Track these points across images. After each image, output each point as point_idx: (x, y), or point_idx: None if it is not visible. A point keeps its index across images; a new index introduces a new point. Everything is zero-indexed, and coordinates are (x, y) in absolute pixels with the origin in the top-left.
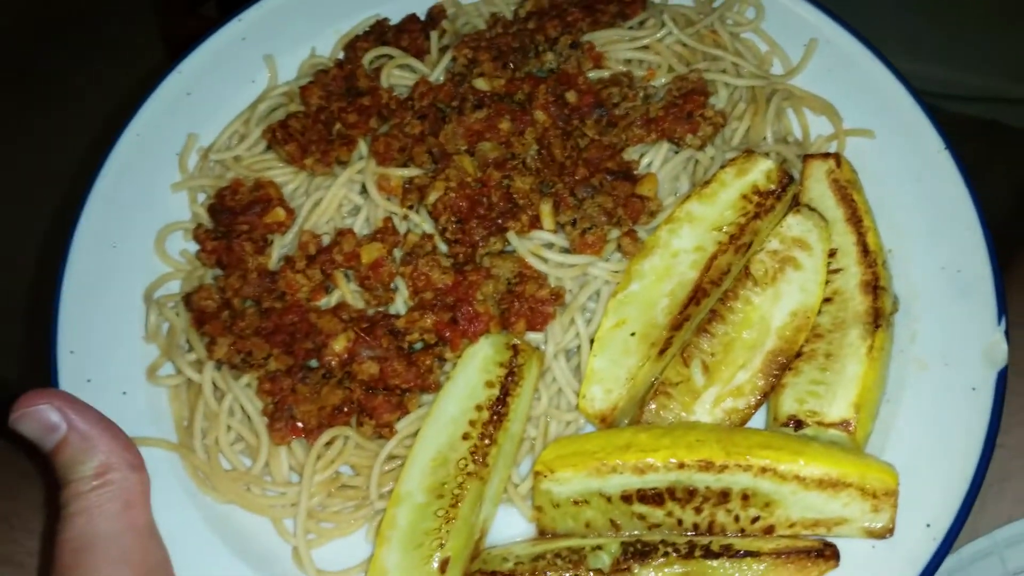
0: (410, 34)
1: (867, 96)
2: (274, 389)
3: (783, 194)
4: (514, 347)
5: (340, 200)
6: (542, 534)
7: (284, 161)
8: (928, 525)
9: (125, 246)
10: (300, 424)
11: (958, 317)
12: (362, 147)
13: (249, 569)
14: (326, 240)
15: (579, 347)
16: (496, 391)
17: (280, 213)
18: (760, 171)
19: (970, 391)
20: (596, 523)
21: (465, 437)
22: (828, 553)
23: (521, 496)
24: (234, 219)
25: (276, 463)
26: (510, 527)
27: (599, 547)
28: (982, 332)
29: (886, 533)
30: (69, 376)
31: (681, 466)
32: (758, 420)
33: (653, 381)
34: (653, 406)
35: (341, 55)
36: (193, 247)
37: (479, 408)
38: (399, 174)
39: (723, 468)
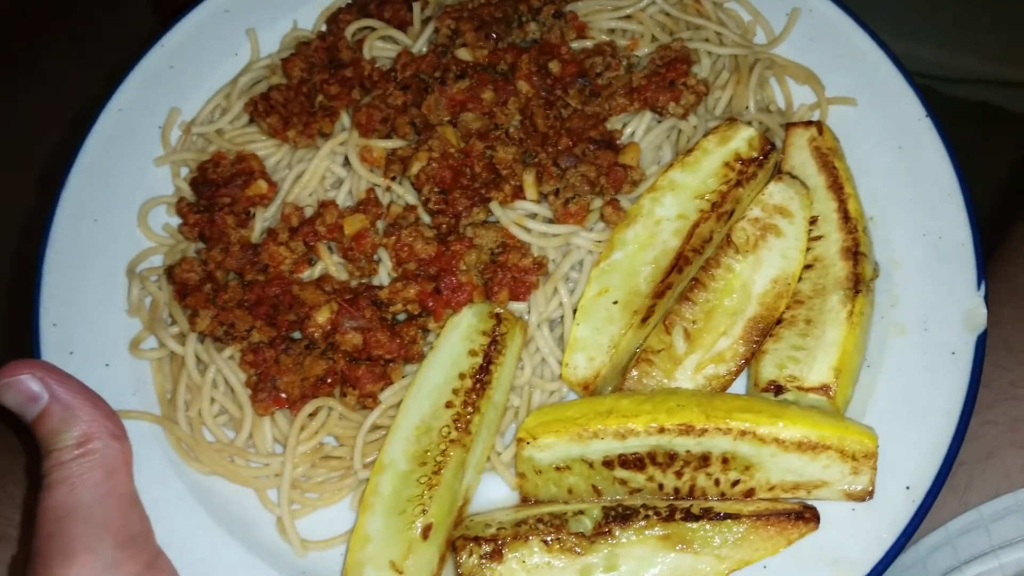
0: (392, 6)
1: (849, 65)
2: (257, 360)
3: (765, 162)
4: (497, 316)
5: (323, 172)
6: (525, 501)
7: (266, 134)
8: (907, 487)
9: (107, 220)
10: (283, 395)
11: (938, 283)
12: (344, 119)
13: (233, 539)
14: (309, 212)
15: (562, 317)
16: (479, 359)
17: (262, 186)
18: (742, 139)
19: (950, 355)
20: (578, 489)
21: (448, 405)
22: (808, 515)
23: (504, 464)
24: (216, 192)
25: (259, 434)
26: (494, 494)
27: (581, 512)
28: (962, 297)
29: (866, 496)
30: (52, 349)
31: (662, 430)
32: (739, 386)
33: (636, 349)
34: (635, 373)
35: (323, 28)
36: (176, 221)
37: (462, 376)
38: (382, 145)
39: (703, 432)
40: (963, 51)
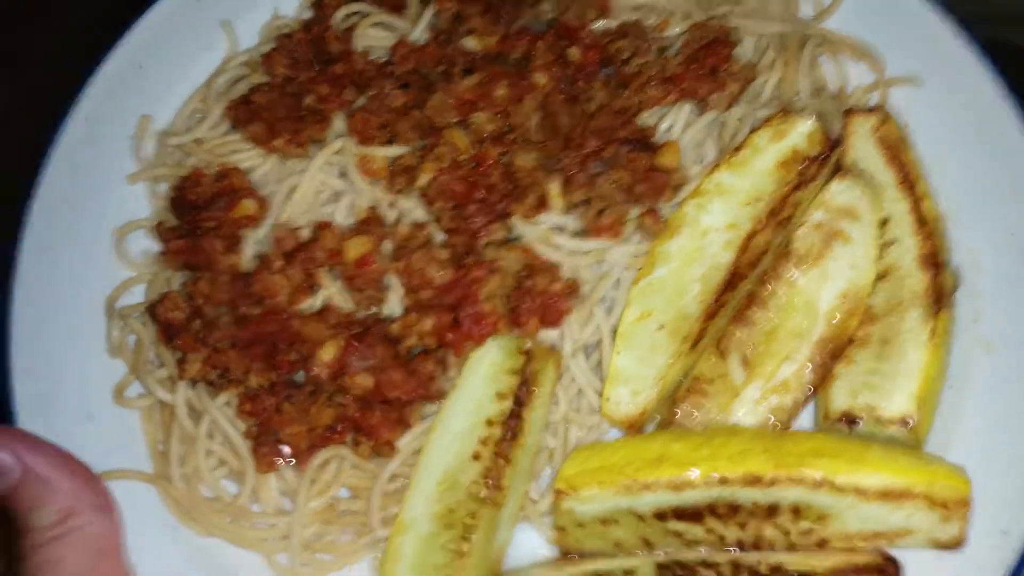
0: None
1: (911, 38)
2: (256, 410)
3: (827, 159)
4: (527, 352)
5: (318, 186)
6: (565, 555)
7: (251, 142)
8: (1004, 532)
9: (81, 249)
10: (287, 449)
11: None
12: (338, 123)
13: None
14: (305, 234)
15: (599, 341)
16: (508, 403)
17: (250, 206)
18: (800, 133)
19: None
20: (626, 542)
21: (475, 457)
22: (890, 570)
23: (540, 514)
24: (198, 215)
25: (265, 489)
26: (529, 544)
27: (631, 571)
28: None
29: (957, 544)
30: (26, 402)
31: (723, 481)
32: (806, 417)
33: (685, 376)
34: (685, 407)
35: (308, 14)
36: (157, 245)
37: (490, 423)
38: (383, 154)
39: (772, 482)
40: None
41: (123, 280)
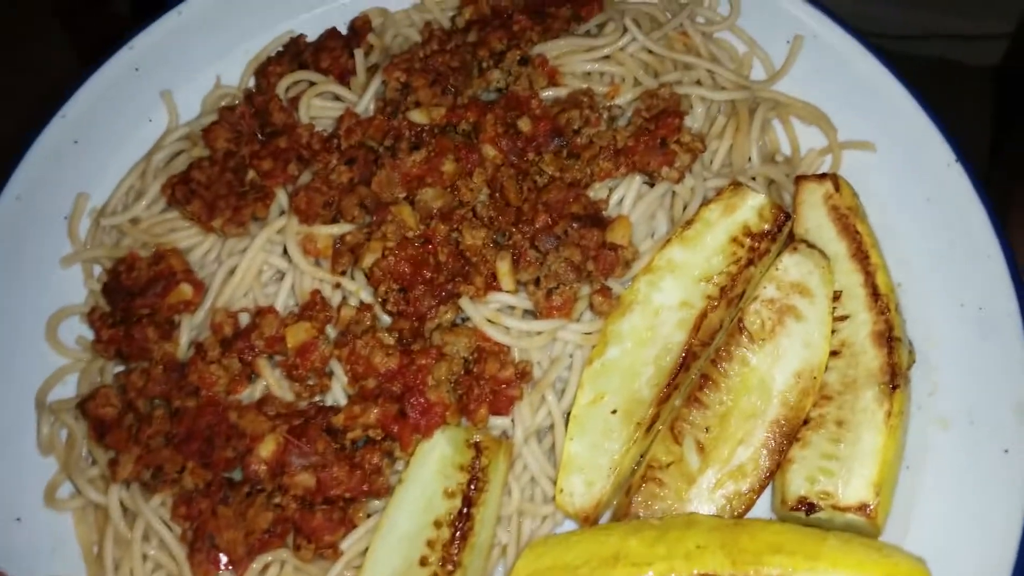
0: (331, 53)
1: (863, 101)
2: (191, 513)
3: (779, 234)
4: (476, 445)
5: (259, 266)
6: None
7: (190, 220)
8: None
9: (11, 336)
10: (224, 556)
11: (983, 364)
12: (281, 199)
13: None
14: (244, 319)
15: (552, 425)
16: (457, 502)
17: (186, 291)
18: (750, 208)
19: (1002, 454)
20: None
21: (423, 563)
22: None
23: None
24: (132, 301)
25: None
26: None
27: None
28: (1012, 381)
29: None
30: None
31: None
32: (763, 502)
33: (639, 459)
34: (641, 497)
35: (251, 83)
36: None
37: (438, 524)
38: (327, 232)
39: None
40: (915, 6)
41: (54, 370)
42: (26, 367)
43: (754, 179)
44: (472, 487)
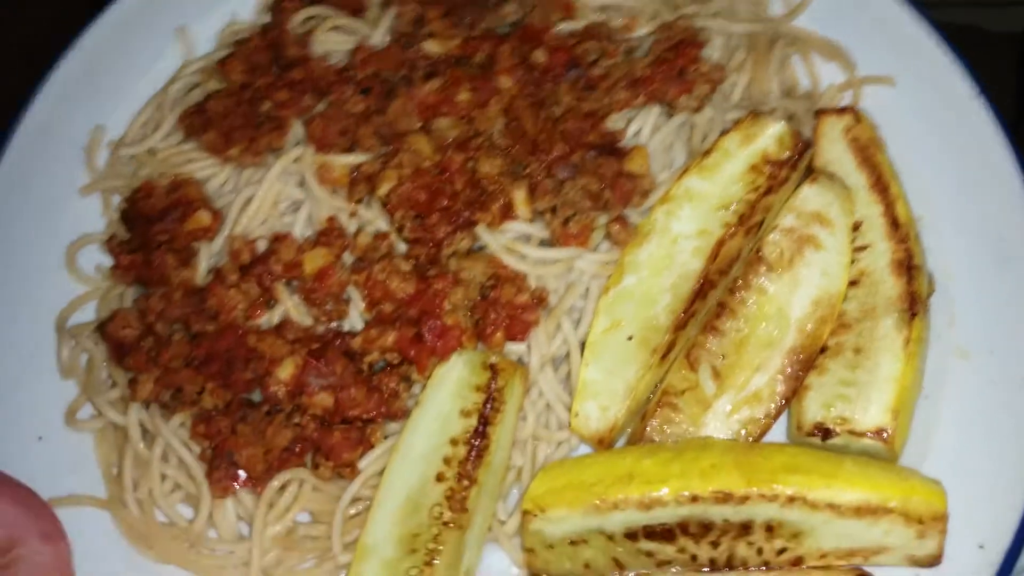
0: None
1: (883, 36)
2: (210, 432)
3: (799, 162)
4: (492, 367)
5: (275, 196)
6: None
7: (206, 151)
8: (981, 546)
9: (30, 265)
10: (243, 473)
11: (1003, 295)
12: (297, 130)
13: None
14: (261, 246)
15: (568, 353)
16: (473, 421)
17: (204, 217)
18: (770, 136)
19: (1021, 384)
20: (597, 563)
21: (439, 479)
22: None
23: (508, 535)
24: (150, 228)
25: (221, 514)
26: (497, 567)
27: None
28: None
29: (934, 561)
30: None
31: (694, 499)
32: (779, 429)
33: (655, 389)
34: (656, 422)
35: (265, 19)
36: (110, 259)
37: (454, 443)
38: (343, 162)
39: (744, 499)
40: None
41: (75, 296)
42: (46, 295)
43: (774, 113)
44: (488, 407)
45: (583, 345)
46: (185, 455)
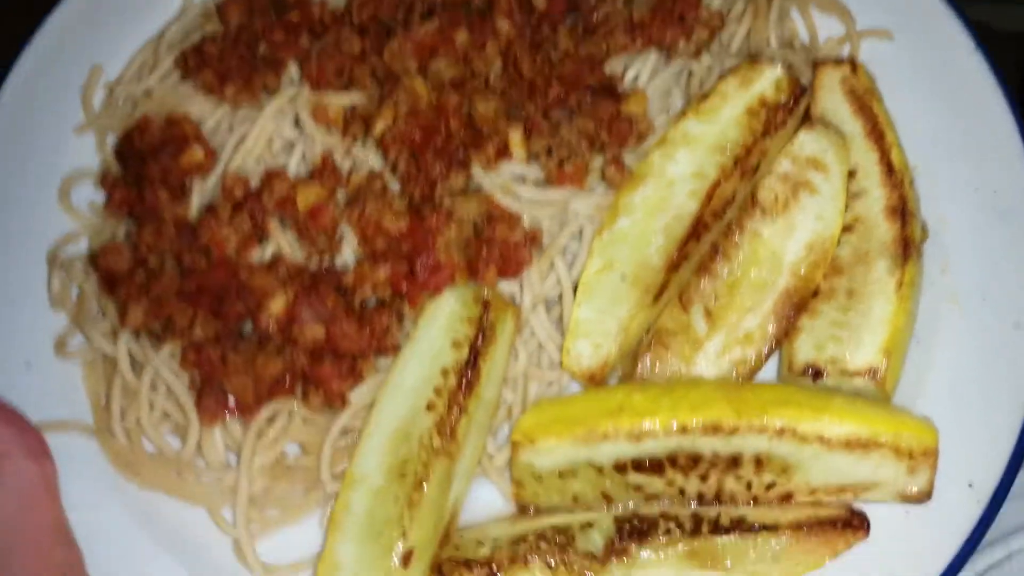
0: None
1: None
2: (200, 360)
3: (795, 107)
4: (484, 301)
5: (269, 135)
6: (523, 510)
7: (202, 92)
8: (970, 485)
9: (24, 199)
10: (233, 401)
11: (997, 244)
12: (292, 70)
13: (183, 568)
14: (255, 183)
15: (561, 295)
16: (464, 353)
17: (198, 153)
18: (767, 80)
19: (1012, 329)
20: (585, 496)
21: (429, 408)
22: (856, 523)
23: (497, 469)
24: (144, 163)
25: (209, 443)
26: (486, 500)
27: (589, 524)
28: None
29: (923, 497)
30: None
31: (684, 430)
32: (769, 372)
33: (647, 329)
34: (648, 360)
35: None
36: (103, 197)
37: (445, 373)
38: (338, 101)
39: (733, 431)
40: None
41: (67, 231)
42: (39, 228)
43: (772, 60)
44: (480, 339)
45: (576, 288)
46: (174, 383)
